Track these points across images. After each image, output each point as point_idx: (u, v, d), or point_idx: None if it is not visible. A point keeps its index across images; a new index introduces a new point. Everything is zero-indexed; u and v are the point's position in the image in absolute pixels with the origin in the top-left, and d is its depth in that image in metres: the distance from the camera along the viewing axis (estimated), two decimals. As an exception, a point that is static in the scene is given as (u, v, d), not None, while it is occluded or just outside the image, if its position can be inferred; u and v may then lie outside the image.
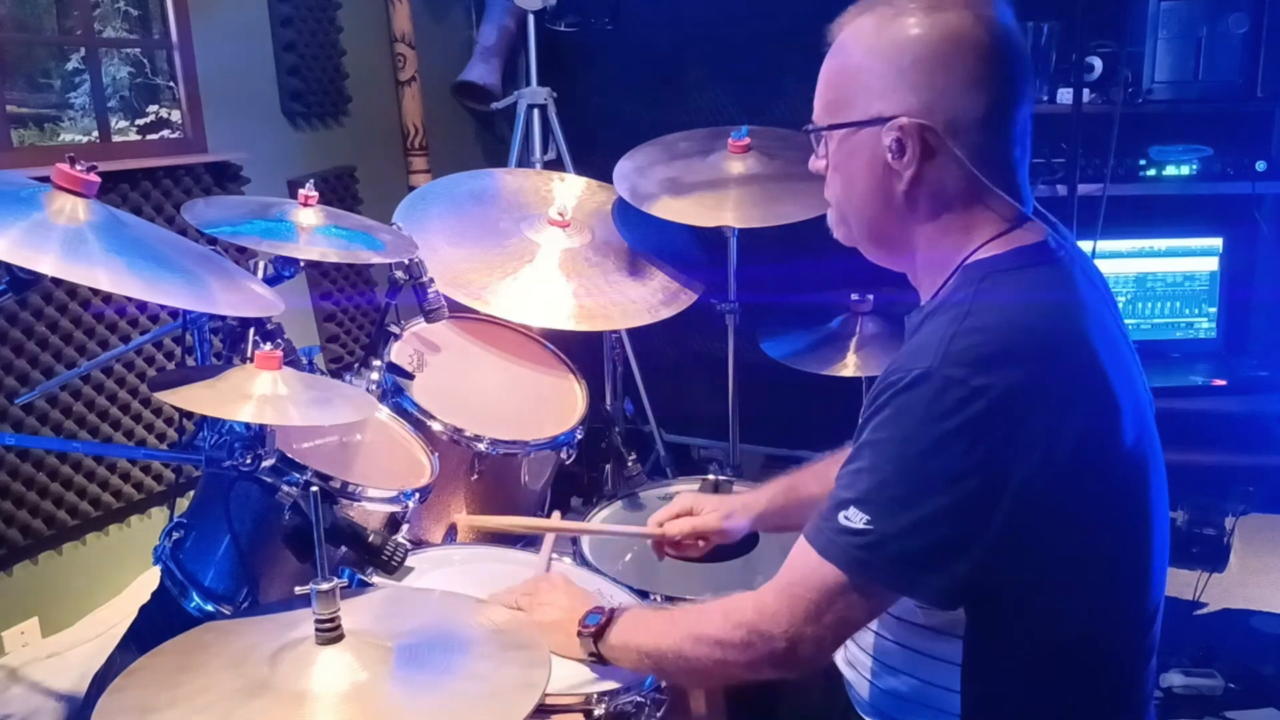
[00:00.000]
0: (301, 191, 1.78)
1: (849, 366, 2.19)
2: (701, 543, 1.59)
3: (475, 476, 1.88)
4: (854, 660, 1.24)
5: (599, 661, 1.25)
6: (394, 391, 1.86)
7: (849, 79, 1.11)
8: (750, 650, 1.07)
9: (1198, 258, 2.63)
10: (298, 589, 1.06)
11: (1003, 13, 1.06)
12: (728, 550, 1.74)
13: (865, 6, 1.11)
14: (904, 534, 0.98)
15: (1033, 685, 1.06)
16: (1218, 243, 2.62)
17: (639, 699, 1.25)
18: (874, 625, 1.18)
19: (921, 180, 1.08)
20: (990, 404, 0.95)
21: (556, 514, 1.81)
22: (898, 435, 0.99)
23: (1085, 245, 2.47)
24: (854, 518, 1.00)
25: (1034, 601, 1.03)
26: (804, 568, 1.04)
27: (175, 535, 1.61)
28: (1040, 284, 1.05)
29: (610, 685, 1.25)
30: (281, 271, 1.69)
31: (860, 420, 1.05)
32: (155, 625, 1.66)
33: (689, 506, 1.59)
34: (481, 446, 1.86)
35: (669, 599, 1.56)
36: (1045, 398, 0.97)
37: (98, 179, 1.26)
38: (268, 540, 1.49)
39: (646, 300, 2.24)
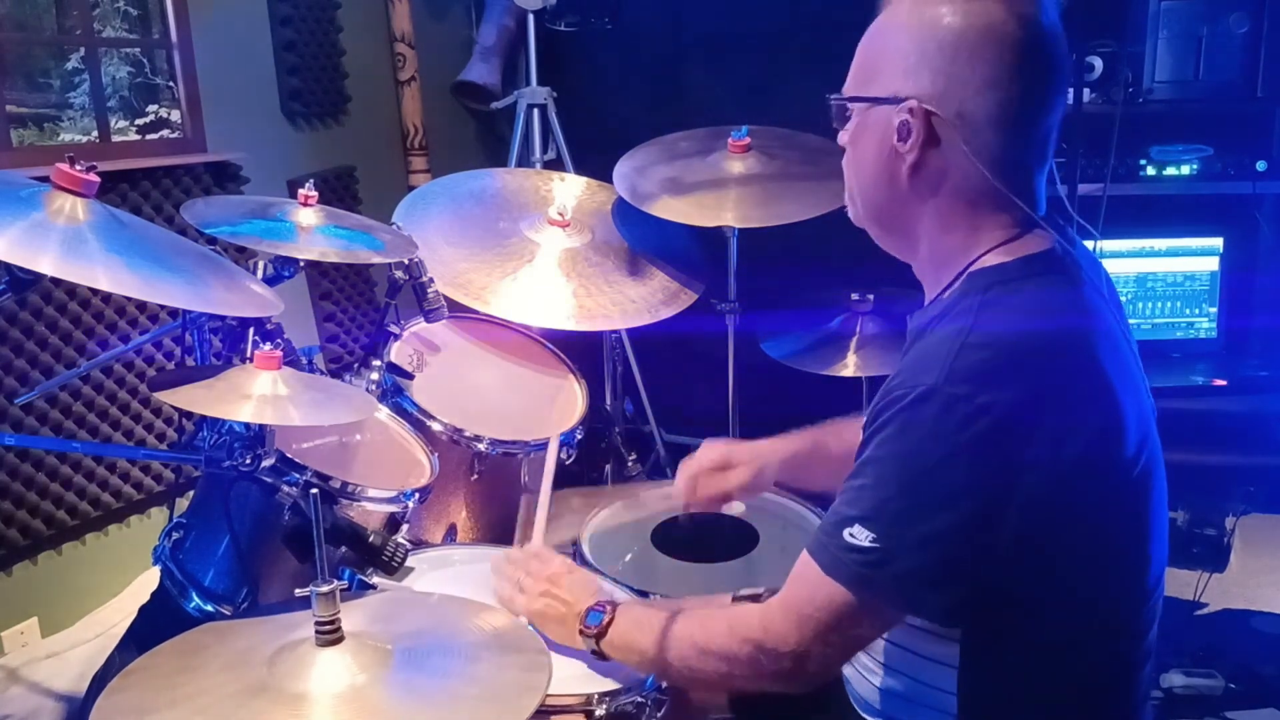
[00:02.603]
0: (301, 191, 1.77)
1: (849, 366, 2.18)
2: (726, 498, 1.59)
3: (475, 476, 1.88)
4: (854, 660, 1.23)
5: (601, 658, 1.25)
6: (394, 391, 1.86)
7: (877, 54, 1.10)
8: (756, 666, 1.07)
9: (1198, 258, 2.63)
10: (298, 591, 1.06)
11: (1046, 14, 1.04)
12: (728, 550, 1.74)
13: None
14: (910, 552, 0.97)
15: (1028, 688, 1.06)
16: (1218, 243, 2.62)
17: (639, 699, 1.25)
18: None
19: (923, 168, 1.06)
20: (995, 421, 0.94)
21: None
22: (902, 452, 0.98)
23: (1085, 246, 2.47)
24: (859, 535, 0.99)
25: (1032, 609, 1.03)
26: (810, 585, 1.03)
27: (175, 535, 1.61)
28: (1046, 296, 1.04)
29: (611, 685, 1.25)
30: (281, 271, 1.69)
31: (864, 434, 1.04)
32: (155, 625, 1.66)
33: (719, 459, 1.55)
34: (481, 446, 1.86)
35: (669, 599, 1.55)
36: (1049, 414, 0.96)
37: (97, 179, 1.26)
38: (267, 540, 1.49)
39: (646, 300, 2.24)
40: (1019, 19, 1.02)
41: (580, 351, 2.30)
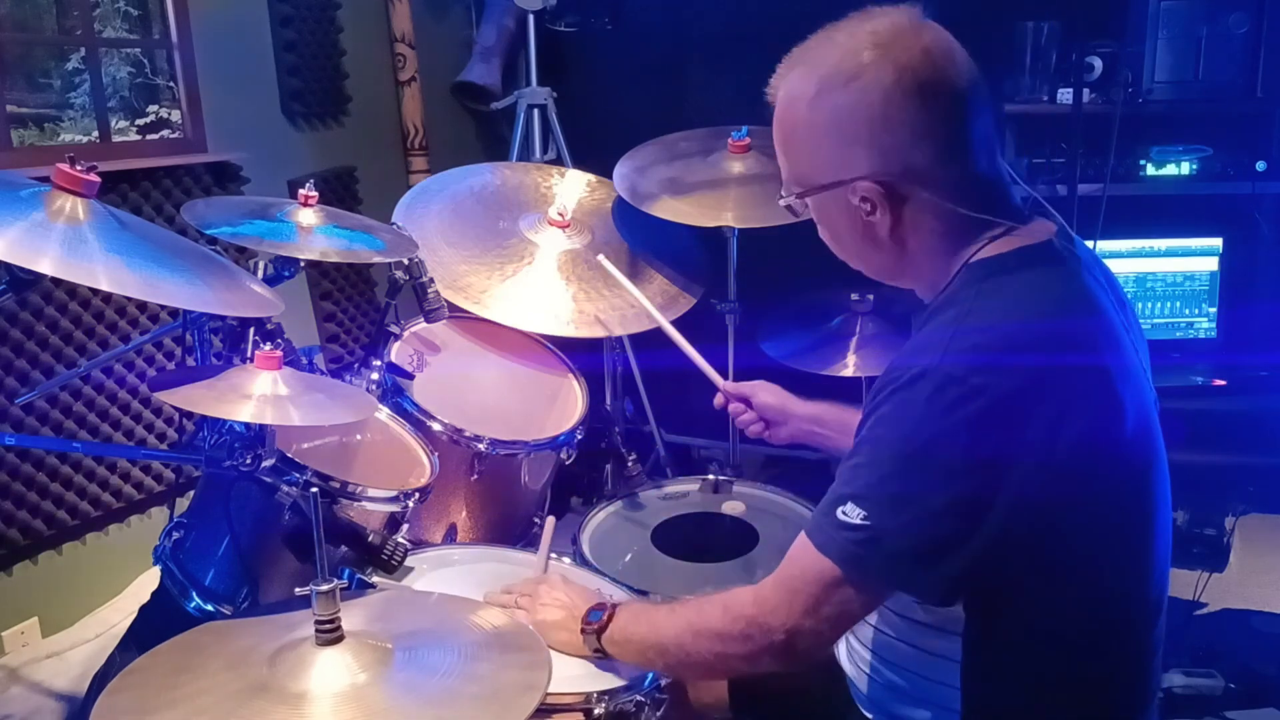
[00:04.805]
0: (301, 191, 1.78)
1: (849, 366, 2.19)
2: (757, 420, 1.72)
3: (475, 476, 1.88)
4: (855, 656, 1.24)
5: (603, 657, 1.25)
6: (394, 391, 1.86)
7: (800, 150, 1.13)
8: (749, 643, 1.08)
9: (1198, 258, 2.63)
10: (298, 590, 1.06)
11: (926, 37, 1.05)
12: (728, 550, 1.74)
13: (784, 69, 1.13)
14: (901, 530, 0.98)
15: (1033, 682, 1.07)
16: (1218, 243, 2.62)
17: (639, 698, 1.25)
18: (875, 621, 1.19)
19: (901, 223, 1.09)
20: (990, 402, 0.96)
21: (551, 519, 1.78)
22: (897, 431, 1.00)
23: (1084, 242, 2.47)
24: (851, 513, 1.00)
25: (1032, 598, 1.03)
26: (802, 562, 1.05)
27: (175, 535, 1.61)
28: (1043, 284, 1.06)
29: (610, 684, 1.25)
30: (281, 271, 1.69)
31: (862, 415, 1.06)
32: (155, 625, 1.66)
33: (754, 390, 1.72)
34: (481, 446, 1.86)
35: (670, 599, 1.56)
36: (1045, 397, 0.97)
37: (98, 179, 1.26)
38: (268, 540, 1.49)
39: (646, 305, 2.23)
40: (904, 69, 1.03)
41: (580, 351, 2.30)
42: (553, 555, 1.59)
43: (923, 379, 0.98)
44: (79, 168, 1.24)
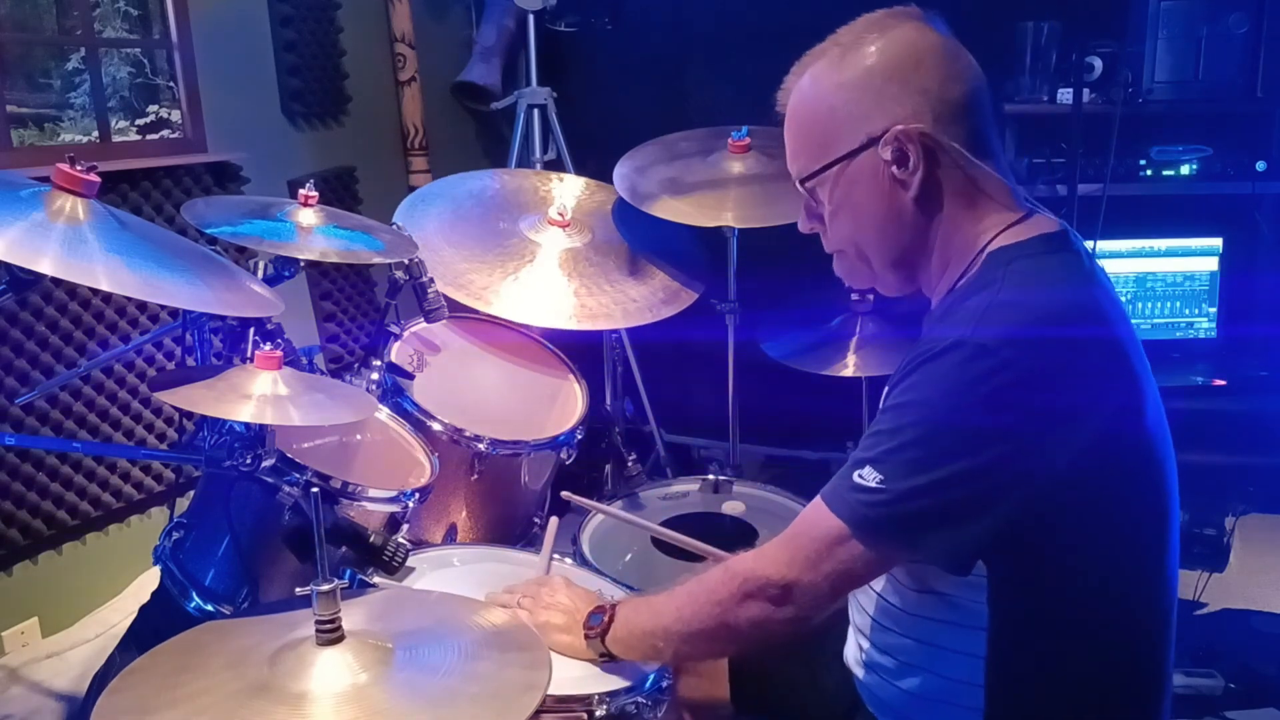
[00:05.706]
0: (301, 191, 1.78)
1: (849, 366, 2.19)
2: None
3: (475, 476, 1.88)
4: (872, 663, 1.21)
5: (609, 661, 1.25)
6: (394, 391, 1.86)
7: (825, 121, 1.12)
8: (747, 601, 1.09)
9: (1198, 258, 2.63)
10: (298, 590, 1.06)
11: (939, 25, 1.11)
12: (727, 549, 1.74)
13: (807, 61, 1.14)
14: (914, 495, 0.99)
15: (1058, 674, 1.06)
16: (1217, 243, 2.62)
17: (640, 699, 1.25)
18: (891, 624, 1.17)
19: (928, 182, 1.09)
20: (1018, 376, 0.96)
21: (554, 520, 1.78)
22: (922, 399, 1.00)
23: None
24: (868, 476, 1.01)
25: (1055, 585, 1.04)
26: (811, 519, 1.07)
27: (175, 535, 1.61)
28: (1067, 268, 1.08)
29: (611, 685, 1.25)
30: (281, 271, 1.69)
31: (888, 387, 1.07)
32: (155, 625, 1.66)
33: None
34: (481, 446, 1.86)
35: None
36: (1073, 375, 0.99)
37: (98, 179, 1.26)
38: (268, 540, 1.49)
39: (647, 299, 2.24)
40: (927, 32, 1.10)
41: (580, 351, 2.30)
42: (554, 556, 1.59)
43: (954, 350, 0.98)
44: (79, 168, 1.24)
